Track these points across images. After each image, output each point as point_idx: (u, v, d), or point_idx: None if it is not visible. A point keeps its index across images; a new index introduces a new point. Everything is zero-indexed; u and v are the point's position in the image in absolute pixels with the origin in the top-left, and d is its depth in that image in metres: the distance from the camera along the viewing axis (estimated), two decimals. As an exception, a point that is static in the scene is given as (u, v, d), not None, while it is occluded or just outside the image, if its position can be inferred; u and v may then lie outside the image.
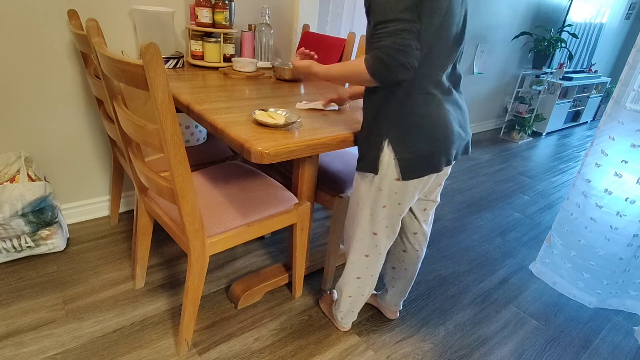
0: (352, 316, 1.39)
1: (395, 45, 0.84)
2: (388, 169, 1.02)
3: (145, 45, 0.77)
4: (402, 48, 0.84)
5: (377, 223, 1.13)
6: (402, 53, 0.84)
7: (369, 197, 1.10)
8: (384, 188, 1.06)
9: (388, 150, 1.00)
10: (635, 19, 5.36)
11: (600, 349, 1.51)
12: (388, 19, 0.85)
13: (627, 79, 1.50)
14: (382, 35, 0.85)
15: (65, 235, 1.70)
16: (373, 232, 1.16)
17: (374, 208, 1.11)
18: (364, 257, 1.22)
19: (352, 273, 1.27)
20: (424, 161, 1.00)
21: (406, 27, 0.84)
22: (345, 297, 1.32)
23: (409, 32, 0.84)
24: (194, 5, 1.68)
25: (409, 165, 1.00)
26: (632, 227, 1.58)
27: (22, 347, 1.24)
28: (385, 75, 0.88)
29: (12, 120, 1.57)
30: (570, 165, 3.57)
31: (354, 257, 1.23)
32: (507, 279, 1.85)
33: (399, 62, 0.85)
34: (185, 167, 0.95)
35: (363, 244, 1.19)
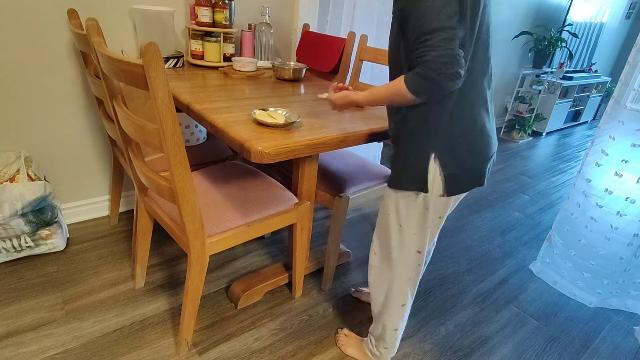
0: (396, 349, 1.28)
1: (440, 59, 0.78)
2: (434, 186, 0.96)
3: (145, 45, 0.77)
4: (448, 60, 0.78)
5: (422, 241, 1.06)
6: (448, 65, 0.78)
7: (413, 216, 1.03)
8: (430, 206, 1.00)
9: (435, 166, 0.94)
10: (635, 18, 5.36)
11: (600, 349, 1.51)
12: (431, 28, 0.78)
13: (628, 79, 1.50)
14: (426, 48, 0.79)
15: (65, 235, 1.70)
16: (417, 250, 1.08)
17: (419, 227, 1.04)
18: (408, 280, 1.13)
19: (396, 301, 1.16)
20: (469, 175, 0.96)
21: (450, 35, 0.78)
22: (391, 331, 1.21)
23: (453, 40, 0.78)
24: (194, 4, 1.68)
25: (456, 180, 0.95)
26: (633, 227, 1.58)
27: (22, 347, 1.24)
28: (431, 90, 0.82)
29: (12, 119, 1.57)
30: (571, 165, 3.57)
31: (398, 283, 1.13)
32: (507, 279, 1.85)
33: (445, 74, 0.79)
34: (185, 167, 0.95)
35: (407, 266, 1.11)
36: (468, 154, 0.93)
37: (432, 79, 0.80)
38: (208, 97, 1.31)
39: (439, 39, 0.78)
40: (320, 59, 1.92)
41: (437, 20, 0.77)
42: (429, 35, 0.78)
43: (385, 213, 1.09)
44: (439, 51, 0.78)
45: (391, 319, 1.19)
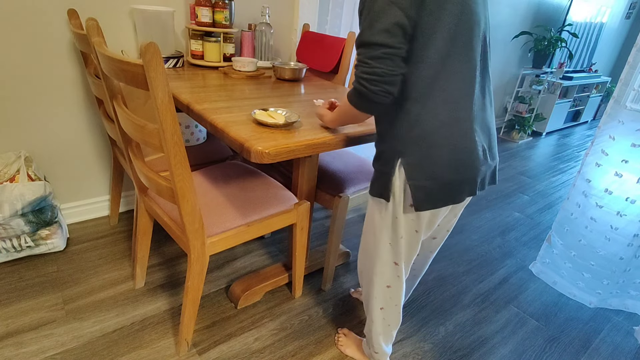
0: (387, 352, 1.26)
1: (365, 75, 0.79)
2: (402, 194, 0.92)
3: (145, 45, 0.77)
4: (372, 78, 0.78)
5: (397, 253, 1.03)
6: (373, 82, 0.79)
7: (385, 226, 1.00)
8: (399, 216, 0.95)
9: (399, 173, 0.90)
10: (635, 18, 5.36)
11: (600, 349, 1.51)
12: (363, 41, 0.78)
13: (628, 79, 1.50)
14: (358, 62, 0.81)
15: (65, 235, 1.70)
16: (394, 261, 1.05)
17: (392, 237, 1.01)
18: (386, 287, 1.11)
19: (375, 306, 1.15)
20: (442, 190, 0.88)
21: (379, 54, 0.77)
22: (376, 336, 1.20)
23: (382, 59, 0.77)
24: (194, 4, 1.68)
25: (424, 193, 0.88)
26: (633, 227, 1.58)
27: (22, 347, 1.24)
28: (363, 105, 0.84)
29: (12, 119, 1.57)
30: (570, 165, 3.57)
31: (375, 290, 1.12)
32: (507, 279, 1.85)
33: (371, 90, 0.80)
34: (185, 167, 0.95)
35: (384, 275, 1.09)
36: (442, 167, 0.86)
37: (359, 93, 0.82)
38: (208, 97, 1.31)
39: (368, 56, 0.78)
40: (320, 59, 1.92)
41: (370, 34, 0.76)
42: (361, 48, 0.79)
43: (366, 219, 1.09)
44: (365, 68, 0.79)
45: (373, 322, 1.19)
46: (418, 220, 0.96)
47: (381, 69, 0.78)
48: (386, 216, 0.98)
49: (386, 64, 0.78)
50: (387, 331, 1.20)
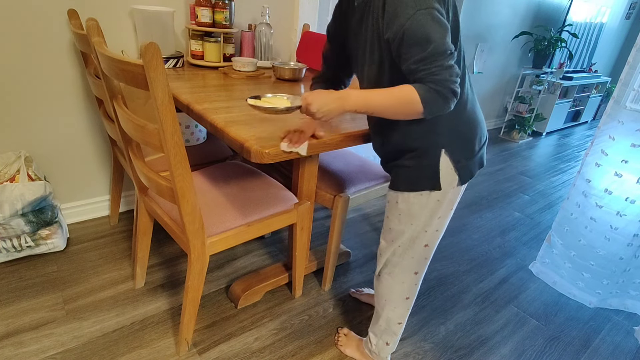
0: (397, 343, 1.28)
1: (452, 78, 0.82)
2: (447, 178, 0.99)
3: (145, 45, 0.77)
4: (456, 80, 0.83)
5: (432, 234, 1.07)
6: (457, 85, 0.84)
7: (425, 213, 1.04)
8: (443, 198, 1.02)
9: (445, 160, 0.97)
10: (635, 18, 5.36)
11: (600, 349, 1.51)
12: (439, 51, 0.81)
13: (627, 79, 1.50)
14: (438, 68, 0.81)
15: (65, 234, 1.70)
16: (425, 244, 1.09)
17: (429, 222, 1.05)
18: (414, 274, 1.14)
19: (401, 295, 1.17)
20: (478, 160, 1.03)
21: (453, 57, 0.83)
22: (395, 324, 1.22)
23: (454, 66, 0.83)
24: (194, 4, 1.68)
25: (468, 169, 1.00)
26: (632, 227, 1.58)
27: (22, 347, 1.24)
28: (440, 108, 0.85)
29: (12, 119, 1.57)
30: (570, 165, 3.57)
31: (405, 276, 1.14)
32: (507, 279, 1.85)
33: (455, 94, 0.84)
34: (185, 167, 0.95)
35: (413, 261, 1.11)
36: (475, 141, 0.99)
37: (445, 97, 0.83)
38: (208, 97, 1.31)
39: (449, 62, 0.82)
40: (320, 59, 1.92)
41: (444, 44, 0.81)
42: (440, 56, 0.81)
43: (395, 215, 1.07)
44: (450, 72, 0.82)
45: (395, 311, 1.20)
46: (455, 197, 1.05)
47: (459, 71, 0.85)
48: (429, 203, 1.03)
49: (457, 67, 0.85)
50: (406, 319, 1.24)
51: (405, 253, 1.11)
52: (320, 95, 0.89)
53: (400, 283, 1.15)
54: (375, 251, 1.93)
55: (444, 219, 1.07)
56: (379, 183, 1.55)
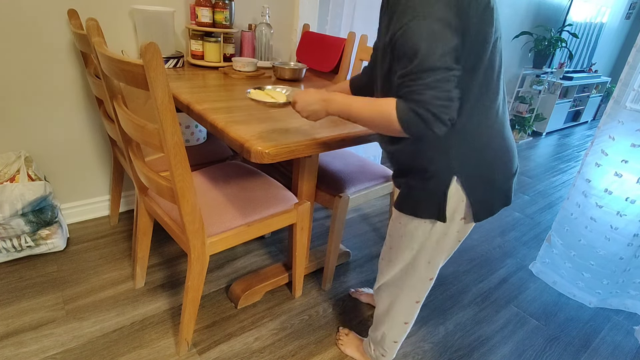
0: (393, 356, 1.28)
1: (436, 101, 0.72)
2: (455, 212, 0.89)
3: (146, 45, 0.77)
4: (444, 103, 0.72)
5: (435, 268, 1.01)
6: (443, 108, 0.72)
7: (430, 244, 0.96)
8: (449, 232, 0.93)
9: (457, 189, 0.86)
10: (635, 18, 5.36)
11: (600, 349, 1.51)
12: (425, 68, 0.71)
13: (627, 79, 1.50)
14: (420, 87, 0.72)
15: (65, 234, 1.70)
16: (429, 277, 1.04)
17: (433, 254, 0.98)
18: (415, 303, 1.10)
19: (399, 319, 1.14)
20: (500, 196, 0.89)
21: (447, 76, 0.72)
22: (391, 342, 1.20)
23: (448, 82, 0.72)
24: (194, 4, 1.68)
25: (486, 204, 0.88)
26: (633, 227, 1.58)
27: (22, 347, 1.24)
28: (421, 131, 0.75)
29: (12, 119, 1.57)
30: (571, 165, 3.57)
31: (405, 304, 1.10)
32: (507, 279, 1.85)
33: (439, 119, 0.73)
34: (185, 167, 0.95)
35: (417, 290, 1.07)
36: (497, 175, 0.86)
37: (426, 120, 0.73)
38: (208, 97, 1.31)
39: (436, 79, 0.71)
40: (320, 59, 1.92)
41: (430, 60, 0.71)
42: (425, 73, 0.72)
43: (398, 235, 1.01)
44: (436, 92, 0.72)
45: (392, 331, 1.18)
46: (464, 231, 0.95)
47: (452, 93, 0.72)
48: (433, 234, 0.94)
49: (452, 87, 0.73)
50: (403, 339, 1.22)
51: (406, 281, 1.06)
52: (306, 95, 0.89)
53: (399, 310, 1.13)
54: (375, 251, 1.93)
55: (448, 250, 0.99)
56: (379, 183, 1.55)
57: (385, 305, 1.15)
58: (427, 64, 0.71)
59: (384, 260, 1.12)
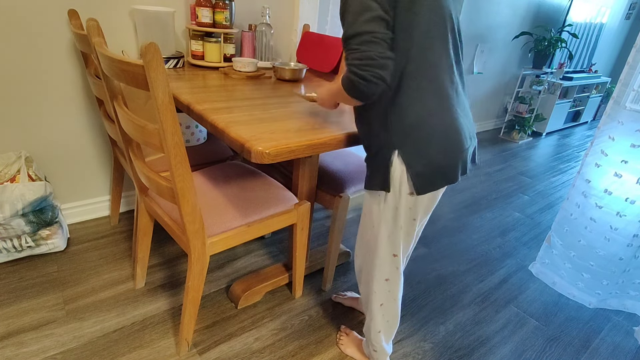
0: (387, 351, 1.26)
1: (358, 61, 0.80)
2: (401, 184, 0.95)
3: (146, 45, 0.77)
4: (365, 62, 0.80)
5: (396, 244, 1.05)
6: (366, 67, 0.80)
7: (384, 219, 1.02)
8: (399, 206, 0.98)
9: (399, 163, 0.93)
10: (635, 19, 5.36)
11: (600, 349, 1.51)
12: (350, 34, 0.81)
13: (627, 79, 1.50)
14: (348, 52, 0.83)
15: (66, 235, 1.70)
16: (393, 254, 1.07)
17: (392, 229, 1.03)
18: (385, 281, 1.13)
19: (375, 302, 1.16)
20: (439, 173, 0.94)
21: (368, 38, 0.80)
22: (375, 333, 1.21)
23: (372, 43, 0.80)
24: (194, 5, 1.68)
25: (423, 178, 0.93)
26: (632, 228, 1.58)
27: (22, 347, 1.24)
28: (358, 93, 0.84)
29: (12, 120, 1.57)
30: (570, 165, 3.57)
31: (375, 285, 1.14)
32: (507, 279, 1.85)
33: (364, 77, 0.81)
34: (186, 167, 0.95)
35: (383, 269, 1.10)
36: (438, 150, 0.91)
37: (352, 82, 0.83)
38: (208, 97, 1.31)
39: (357, 42, 0.80)
40: (321, 59, 1.92)
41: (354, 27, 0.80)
42: (350, 39, 0.82)
43: (363, 215, 1.09)
44: (357, 54, 0.80)
45: (373, 320, 1.19)
46: (416, 207, 1.00)
47: (372, 52, 0.80)
48: (386, 208, 1.01)
49: (376, 48, 0.80)
50: (386, 328, 1.21)
51: (374, 260, 1.10)
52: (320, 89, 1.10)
53: (373, 293, 1.15)
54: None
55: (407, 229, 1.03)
56: (379, 183, 1.55)
57: (364, 293, 1.20)
58: (351, 31, 0.81)
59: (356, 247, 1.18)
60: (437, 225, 2.25)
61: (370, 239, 1.09)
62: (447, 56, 0.90)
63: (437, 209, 2.44)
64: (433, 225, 2.24)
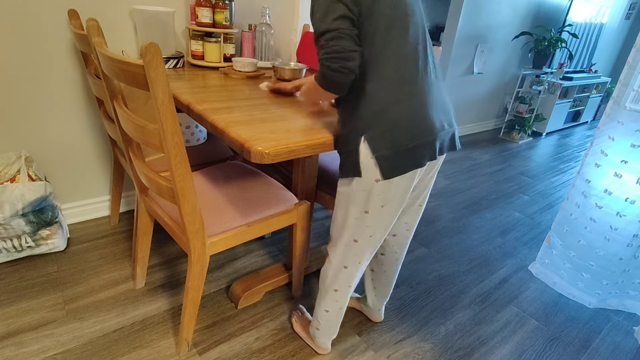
0: (330, 334, 1.29)
1: (326, 56, 0.89)
2: (367, 170, 0.98)
3: (146, 45, 0.77)
4: (332, 56, 0.88)
5: (360, 229, 1.07)
6: (333, 60, 0.88)
7: (352, 202, 1.04)
8: (366, 190, 1.01)
9: (365, 149, 0.96)
10: (635, 19, 5.36)
11: (600, 349, 1.52)
12: (319, 32, 0.90)
13: (627, 79, 1.50)
14: (319, 49, 0.91)
15: (66, 235, 1.70)
16: (354, 239, 1.09)
17: (356, 214, 1.05)
18: (343, 268, 1.15)
19: (330, 285, 1.20)
20: (405, 156, 0.96)
21: (335, 35, 0.88)
22: (322, 311, 1.24)
23: (338, 38, 0.88)
24: (194, 5, 1.68)
25: (389, 162, 0.96)
26: (632, 227, 1.58)
27: (22, 347, 1.24)
28: (330, 84, 0.92)
29: (12, 120, 1.57)
30: (570, 165, 3.57)
31: (334, 268, 1.17)
32: (507, 279, 1.85)
33: (333, 69, 0.89)
34: (186, 167, 0.95)
35: (342, 253, 1.13)
36: (402, 135, 0.95)
37: (324, 74, 0.91)
38: (208, 97, 1.31)
39: (326, 38, 0.89)
40: (321, 59, 1.92)
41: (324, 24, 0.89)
42: (320, 37, 0.91)
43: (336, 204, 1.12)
44: (325, 49, 0.89)
45: (324, 299, 1.23)
46: (384, 194, 1.01)
47: (339, 46, 0.88)
48: (354, 192, 1.03)
49: (342, 43, 0.89)
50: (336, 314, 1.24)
51: (337, 241, 1.13)
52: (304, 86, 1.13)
53: (332, 275, 1.18)
54: (375, 251, 1.93)
55: (374, 215, 1.04)
56: (379, 183, 1.55)
57: (323, 271, 1.22)
58: (320, 29, 0.90)
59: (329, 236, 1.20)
60: (437, 225, 2.25)
61: (339, 223, 1.11)
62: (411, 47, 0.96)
63: (437, 209, 2.44)
64: (433, 226, 2.24)
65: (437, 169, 1.14)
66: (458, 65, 3.54)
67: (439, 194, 2.64)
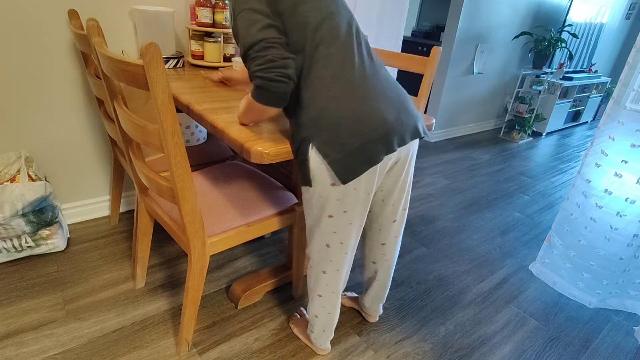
0: (326, 336, 1.30)
1: (259, 67, 0.86)
2: (321, 176, 0.95)
3: (146, 45, 0.77)
4: (267, 65, 0.86)
5: (328, 234, 1.06)
6: (271, 70, 0.86)
7: (315, 207, 1.03)
8: (323, 196, 0.99)
9: (315, 155, 0.93)
10: (635, 19, 5.36)
11: (600, 349, 1.51)
12: (247, 46, 0.88)
13: (627, 79, 1.50)
14: (249, 63, 0.89)
15: (66, 235, 1.70)
16: (326, 243, 1.08)
17: (320, 219, 1.04)
18: (322, 273, 1.14)
19: (314, 291, 1.20)
20: (356, 156, 0.92)
21: (265, 45, 0.86)
22: (312, 317, 1.26)
23: (267, 48, 0.86)
24: (194, 5, 1.68)
25: (342, 165, 0.92)
26: (632, 227, 1.58)
27: (22, 347, 1.24)
28: (269, 96, 0.89)
29: (12, 120, 1.57)
30: (570, 165, 3.57)
31: (314, 273, 1.17)
32: (507, 279, 1.85)
33: (272, 79, 0.86)
34: (186, 167, 0.95)
35: (318, 257, 1.13)
36: (349, 135, 0.91)
37: (261, 87, 0.88)
38: (208, 97, 1.31)
39: (256, 50, 0.87)
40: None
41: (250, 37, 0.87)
42: (247, 51, 0.88)
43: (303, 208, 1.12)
44: (258, 60, 0.86)
45: (312, 304, 1.24)
46: (344, 199, 0.99)
47: (271, 55, 0.86)
48: (313, 198, 1.02)
49: (273, 52, 0.87)
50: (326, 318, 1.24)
51: (310, 245, 1.13)
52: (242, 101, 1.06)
53: (314, 280, 1.18)
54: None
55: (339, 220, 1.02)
56: (379, 183, 1.55)
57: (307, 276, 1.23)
58: (247, 43, 0.87)
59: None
60: (437, 225, 2.25)
61: (308, 226, 1.11)
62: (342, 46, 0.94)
63: (437, 209, 2.44)
64: (433, 225, 2.24)
65: (408, 162, 1.07)
66: (458, 65, 3.54)
67: (439, 194, 2.64)
